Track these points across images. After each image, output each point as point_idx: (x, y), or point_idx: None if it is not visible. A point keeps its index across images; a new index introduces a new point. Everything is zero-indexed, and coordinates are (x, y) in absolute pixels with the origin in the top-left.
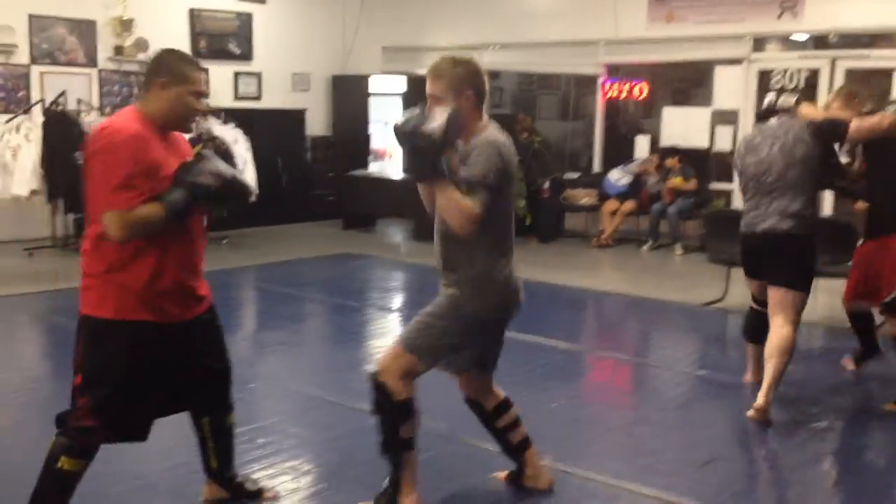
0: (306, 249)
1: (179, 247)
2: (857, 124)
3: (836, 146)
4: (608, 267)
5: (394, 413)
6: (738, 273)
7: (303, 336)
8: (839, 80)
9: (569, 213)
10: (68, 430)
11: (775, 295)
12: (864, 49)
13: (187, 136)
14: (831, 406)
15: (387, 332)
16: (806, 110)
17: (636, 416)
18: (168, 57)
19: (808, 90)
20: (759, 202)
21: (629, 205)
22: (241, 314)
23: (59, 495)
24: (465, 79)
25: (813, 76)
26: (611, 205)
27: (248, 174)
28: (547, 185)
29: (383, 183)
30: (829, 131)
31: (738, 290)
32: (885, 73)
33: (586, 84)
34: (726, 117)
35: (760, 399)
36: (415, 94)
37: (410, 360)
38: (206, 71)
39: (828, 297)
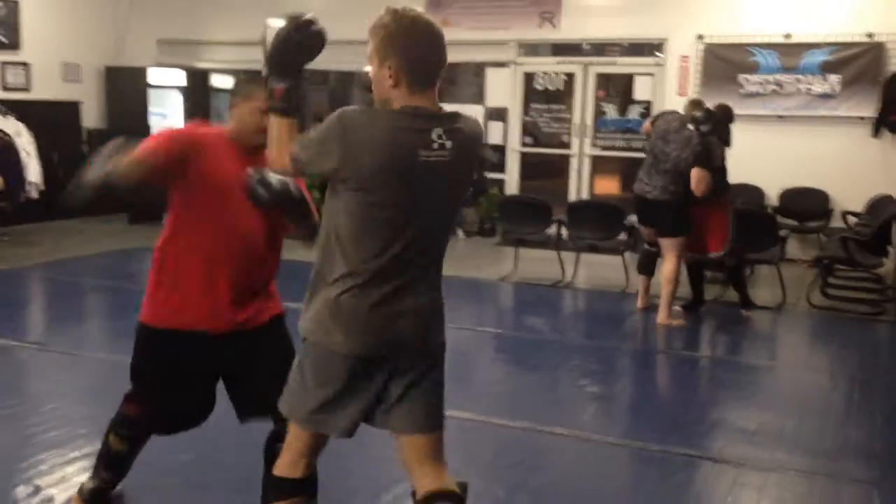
0: (98, 244)
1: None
2: (696, 178)
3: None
4: None
5: (266, 483)
6: (524, 252)
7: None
8: (591, 83)
9: None
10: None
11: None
12: (610, 56)
13: None
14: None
15: None
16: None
17: (461, 367)
18: (240, 79)
19: (567, 90)
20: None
21: None
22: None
23: (110, 466)
24: (380, 44)
25: (570, 79)
26: None
27: (32, 168)
28: None
29: None
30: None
31: (525, 266)
32: (628, 77)
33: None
34: (497, 114)
35: (660, 315)
36: (194, 88)
37: (290, 426)
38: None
39: None
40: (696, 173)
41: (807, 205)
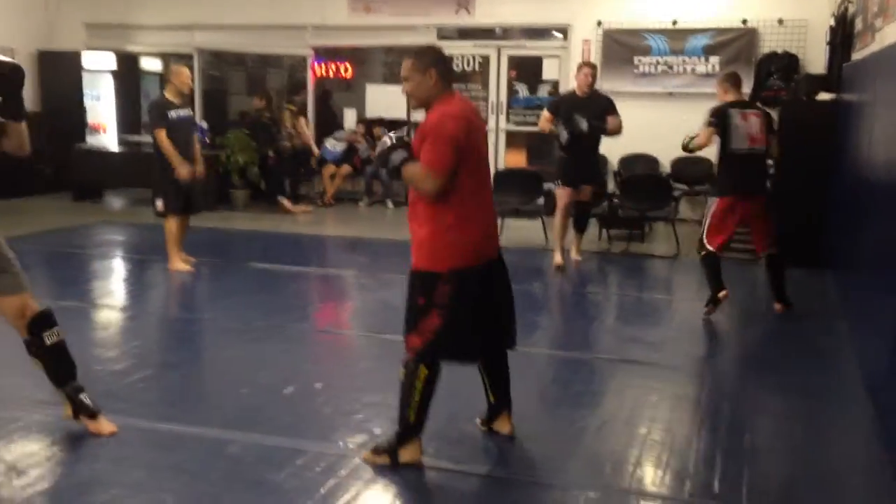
0: (56, 220)
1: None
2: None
3: None
4: (333, 220)
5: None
6: None
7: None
8: (504, 64)
9: None
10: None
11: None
12: (521, 40)
13: None
14: None
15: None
16: None
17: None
18: None
19: (483, 71)
20: None
21: (345, 168)
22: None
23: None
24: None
25: (485, 61)
26: (329, 169)
27: None
28: (271, 153)
29: (108, 156)
30: None
31: None
32: (537, 59)
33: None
34: None
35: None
36: (124, 71)
37: None
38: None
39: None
40: None
41: (694, 171)
